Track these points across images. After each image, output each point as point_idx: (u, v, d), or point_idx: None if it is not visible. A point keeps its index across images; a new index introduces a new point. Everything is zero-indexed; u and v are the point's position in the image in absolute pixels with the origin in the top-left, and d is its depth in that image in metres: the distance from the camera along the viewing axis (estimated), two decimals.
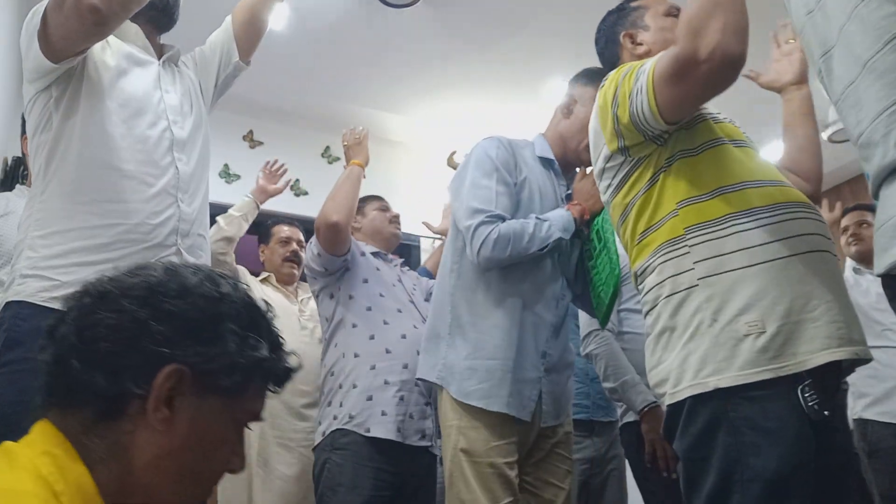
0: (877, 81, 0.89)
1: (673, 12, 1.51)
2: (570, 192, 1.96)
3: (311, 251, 2.21)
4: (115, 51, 1.53)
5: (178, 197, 1.46)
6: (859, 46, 0.92)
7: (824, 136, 4.28)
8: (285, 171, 2.99)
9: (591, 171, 2.10)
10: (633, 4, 1.57)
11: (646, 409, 2.07)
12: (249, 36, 1.79)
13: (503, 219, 1.72)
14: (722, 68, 1.14)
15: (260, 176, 2.99)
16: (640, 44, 1.51)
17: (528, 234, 1.71)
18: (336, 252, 2.14)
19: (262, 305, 0.88)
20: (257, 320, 0.85)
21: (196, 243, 1.50)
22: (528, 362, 1.71)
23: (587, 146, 1.73)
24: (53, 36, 1.35)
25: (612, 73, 1.37)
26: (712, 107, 1.34)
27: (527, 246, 1.71)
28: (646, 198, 1.30)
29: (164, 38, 1.72)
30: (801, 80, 1.65)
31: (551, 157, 1.93)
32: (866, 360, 1.17)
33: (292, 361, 0.90)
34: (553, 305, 1.80)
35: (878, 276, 0.94)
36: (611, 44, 1.58)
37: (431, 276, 2.63)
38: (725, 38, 1.12)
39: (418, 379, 1.88)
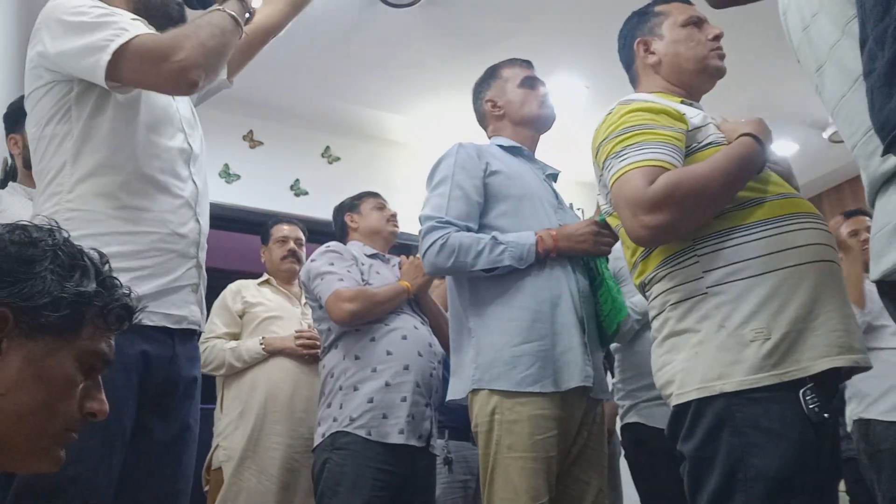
0: None
1: (692, 21, 1.52)
2: (552, 171, 1.97)
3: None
4: None
5: (196, 211, 1.46)
6: (851, 62, 0.94)
7: (824, 135, 4.30)
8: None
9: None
10: (655, 9, 1.58)
11: None
12: (241, 60, 1.75)
13: (454, 226, 1.71)
14: None
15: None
16: (653, 53, 1.53)
17: (475, 250, 1.68)
18: None
19: (93, 254, 0.91)
20: (78, 260, 0.88)
21: (204, 257, 1.50)
22: (567, 332, 1.67)
23: (538, 107, 1.92)
24: (128, 78, 1.33)
25: (613, 114, 1.38)
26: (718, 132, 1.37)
27: (472, 262, 1.68)
28: None
29: None
30: None
31: (516, 144, 1.94)
32: (865, 368, 1.21)
33: (132, 300, 0.93)
34: (571, 272, 1.75)
35: (873, 281, 0.97)
36: (627, 49, 1.60)
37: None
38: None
39: (448, 402, 1.81)
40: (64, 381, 0.85)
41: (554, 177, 1.98)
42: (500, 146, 1.92)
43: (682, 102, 1.42)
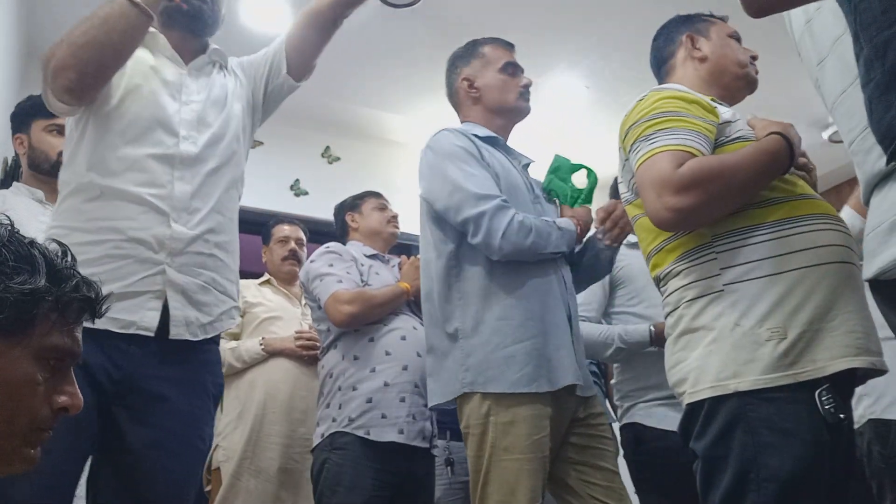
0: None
1: (736, 36, 1.57)
2: (527, 161, 1.92)
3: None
4: (133, 66, 1.48)
5: (170, 215, 1.41)
6: (853, 57, 0.95)
7: (824, 136, 4.30)
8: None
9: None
10: (703, 16, 1.61)
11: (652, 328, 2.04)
12: (301, 51, 1.69)
13: (511, 206, 1.66)
14: None
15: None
16: (699, 48, 1.55)
17: (546, 234, 1.65)
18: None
19: (50, 247, 0.89)
20: (23, 255, 0.85)
21: (194, 262, 1.44)
22: (558, 330, 1.64)
23: (516, 98, 1.88)
24: (48, 99, 1.41)
25: (645, 99, 1.38)
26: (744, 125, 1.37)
27: (545, 244, 1.65)
28: None
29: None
30: None
31: (492, 134, 1.85)
32: (882, 372, 1.21)
33: (92, 291, 0.90)
34: (557, 268, 1.72)
35: (866, 280, 0.98)
36: (669, 42, 1.61)
37: None
38: None
39: (432, 408, 1.78)
40: (22, 382, 0.82)
41: (528, 166, 1.91)
42: (476, 136, 1.80)
43: (711, 100, 1.42)
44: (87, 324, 0.91)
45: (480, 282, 1.66)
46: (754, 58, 1.56)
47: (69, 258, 0.90)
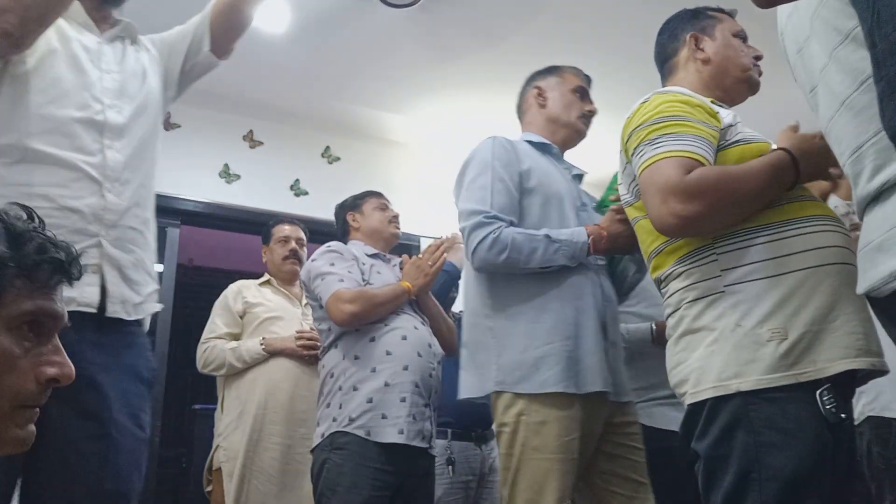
0: (854, 119, 0.96)
1: (742, 35, 1.56)
2: (578, 172, 1.99)
3: None
4: (49, 30, 1.40)
5: (103, 185, 1.34)
6: (838, 85, 0.98)
7: None
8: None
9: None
10: (709, 13, 1.60)
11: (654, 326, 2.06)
12: (226, 28, 1.63)
13: (501, 220, 1.70)
14: None
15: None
16: (702, 49, 1.54)
17: (528, 249, 1.68)
18: None
19: (10, 211, 0.84)
20: None
21: (126, 236, 1.38)
22: (589, 335, 1.67)
23: (577, 117, 1.96)
24: None
25: (649, 102, 1.38)
26: (747, 127, 1.38)
27: (525, 260, 1.67)
28: None
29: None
30: None
31: (546, 141, 1.94)
32: (883, 372, 1.21)
33: (60, 252, 0.83)
34: (596, 276, 1.76)
35: (859, 294, 1.00)
36: (673, 39, 1.60)
37: (458, 271, 2.58)
38: None
39: (461, 399, 1.80)
40: (3, 355, 0.77)
41: (580, 178, 2.00)
42: (530, 142, 1.92)
43: (712, 102, 1.42)
44: None
45: (515, 284, 1.72)
46: (759, 57, 1.55)
47: (35, 221, 0.85)
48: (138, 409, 1.36)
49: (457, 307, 2.95)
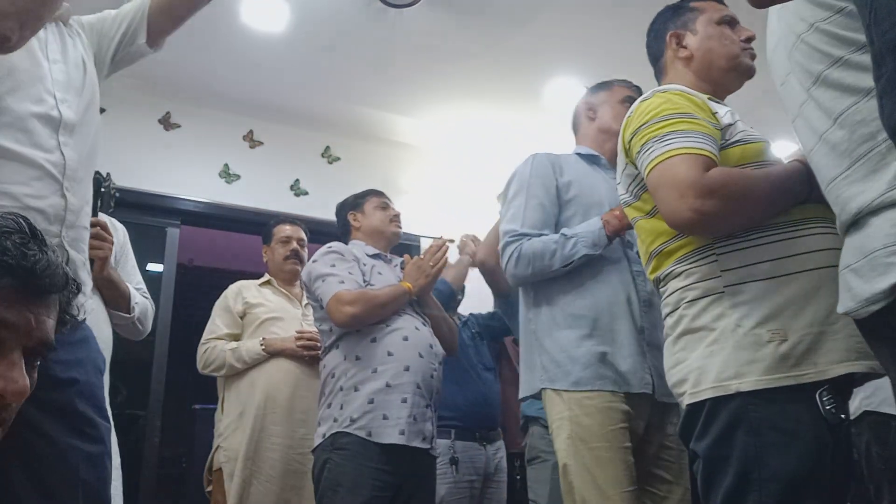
0: (830, 153, 1.00)
1: (726, 20, 1.53)
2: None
3: None
4: None
5: (63, 185, 1.30)
6: (816, 121, 1.02)
7: None
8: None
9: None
10: (691, 5, 1.58)
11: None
12: (166, 23, 1.57)
13: (528, 235, 1.79)
14: None
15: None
16: (685, 47, 1.53)
17: (548, 252, 1.77)
18: None
19: None
20: None
21: (79, 236, 1.36)
22: (625, 338, 1.73)
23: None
24: None
25: (650, 100, 1.37)
26: (747, 125, 1.37)
27: (549, 264, 1.77)
28: None
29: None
30: None
31: (595, 153, 2.02)
32: (880, 375, 1.20)
33: (9, 256, 0.78)
34: (631, 281, 1.81)
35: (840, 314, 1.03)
36: (658, 40, 1.60)
37: (451, 290, 2.62)
38: None
39: (521, 399, 1.92)
40: None
41: None
42: (579, 154, 2.02)
43: (709, 99, 1.41)
44: None
45: (554, 288, 1.81)
46: (750, 38, 1.51)
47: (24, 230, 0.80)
48: (101, 400, 1.36)
49: (462, 309, 2.97)
